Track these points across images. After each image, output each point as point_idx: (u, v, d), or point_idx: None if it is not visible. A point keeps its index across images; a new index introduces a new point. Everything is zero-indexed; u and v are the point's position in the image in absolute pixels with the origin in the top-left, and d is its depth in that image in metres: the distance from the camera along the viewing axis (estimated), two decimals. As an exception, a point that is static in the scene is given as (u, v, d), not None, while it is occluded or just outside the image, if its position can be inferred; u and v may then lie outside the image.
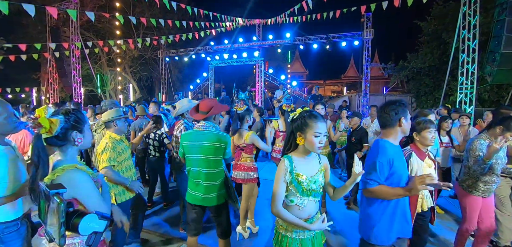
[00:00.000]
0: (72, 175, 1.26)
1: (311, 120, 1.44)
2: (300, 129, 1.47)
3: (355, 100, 13.50)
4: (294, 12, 10.81)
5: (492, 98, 9.51)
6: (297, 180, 1.47)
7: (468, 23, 7.53)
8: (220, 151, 2.20)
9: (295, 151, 1.55)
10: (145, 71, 18.21)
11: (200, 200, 2.23)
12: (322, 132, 1.44)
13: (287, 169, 1.48)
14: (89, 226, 0.89)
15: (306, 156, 1.54)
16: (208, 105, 2.28)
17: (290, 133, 1.55)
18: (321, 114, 3.26)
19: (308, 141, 1.44)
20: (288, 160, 1.50)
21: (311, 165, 1.56)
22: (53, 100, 11.94)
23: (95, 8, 13.80)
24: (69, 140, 1.33)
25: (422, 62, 11.43)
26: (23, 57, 10.01)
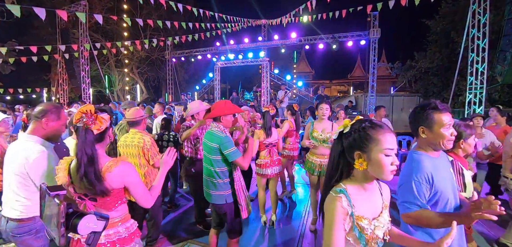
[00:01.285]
0: (126, 166, 1.41)
1: (377, 132, 1.02)
2: (359, 147, 1.03)
3: (361, 100, 13.36)
4: (299, 12, 10.78)
5: (503, 98, 9.30)
6: (359, 226, 1.03)
7: (477, 21, 7.36)
8: (215, 151, 2.23)
9: (349, 180, 1.09)
10: (152, 71, 18.44)
11: (207, 196, 2.36)
12: (394, 148, 1.02)
13: (346, 210, 1.01)
14: (88, 226, 0.93)
15: (366, 186, 1.09)
16: (216, 107, 2.36)
17: (338, 155, 1.10)
18: (326, 114, 3.24)
19: (375, 163, 1.00)
20: (345, 195, 1.03)
21: (373, 200, 1.11)
22: (63, 101, 12.21)
23: (103, 10, 14.05)
24: (106, 137, 1.46)
25: (430, 61, 11.25)
26: (34, 58, 10.27)
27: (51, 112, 1.72)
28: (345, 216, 1.01)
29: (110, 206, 1.42)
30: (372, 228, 1.04)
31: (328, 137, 3.18)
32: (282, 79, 16.24)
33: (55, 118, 1.73)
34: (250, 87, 18.24)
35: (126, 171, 1.41)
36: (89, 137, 1.32)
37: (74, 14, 9.83)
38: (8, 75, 13.68)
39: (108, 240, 1.40)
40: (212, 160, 2.26)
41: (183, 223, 3.72)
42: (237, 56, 14.15)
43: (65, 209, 0.88)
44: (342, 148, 1.09)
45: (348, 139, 1.07)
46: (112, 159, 1.41)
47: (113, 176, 1.37)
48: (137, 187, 1.47)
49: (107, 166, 1.36)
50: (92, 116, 1.33)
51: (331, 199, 1.04)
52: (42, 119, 1.69)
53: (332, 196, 1.04)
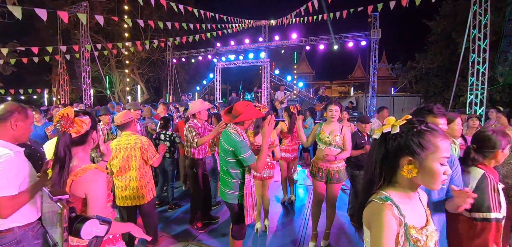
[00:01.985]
0: (95, 176, 1.33)
1: (435, 138, 0.90)
2: (411, 152, 0.90)
3: (362, 101, 13.36)
4: (300, 12, 10.79)
5: (504, 99, 9.27)
6: (412, 239, 0.90)
7: (478, 22, 7.36)
8: (229, 153, 2.21)
9: (392, 187, 0.97)
10: (153, 72, 18.45)
11: (221, 194, 2.38)
12: (449, 156, 0.91)
13: (398, 219, 0.89)
14: (91, 231, 0.93)
15: (411, 194, 0.98)
16: (238, 110, 2.28)
17: (382, 158, 0.97)
18: (336, 116, 3.01)
19: (428, 171, 0.89)
20: (394, 204, 0.91)
21: (417, 209, 1.00)
22: (64, 101, 12.23)
23: (104, 11, 14.08)
24: (90, 140, 1.42)
25: (431, 62, 11.24)
26: (35, 59, 10.29)
27: (17, 112, 1.60)
28: (398, 227, 0.89)
29: (78, 211, 1.35)
30: (425, 239, 0.92)
31: (338, 139, 2.91)
32: (283, 80, 16.24)
33: (22, 118, 1.61)
34: (250, 87, 18.25)
35: (92, 182, 1.33)
36: (64, 139, 1.31)
37: (75, 15, 9.85)
38: (9, 76, 13.70)
39: (79, 243, 1.35)
40: (226, 161, 2.26)
41: (184, 224, 3.72)
42: (237, 57, 14.16)
43: (68, 213, 0.88)
44: (386, 151, 0.96)
45: (397, 141, 0.93)
46: (82, 167, 1.35)
47: (75, 185, 1.31)
48: (97, 202, 1.34)
49: (73, 174, 1.31)
50: (69, 119, 1.31)
51: (378, 208, 0.91)
52: (10, 120, 1.56)
53: (377, 204, 0.92)
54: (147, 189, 2.80)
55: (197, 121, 3.43)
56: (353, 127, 5.12)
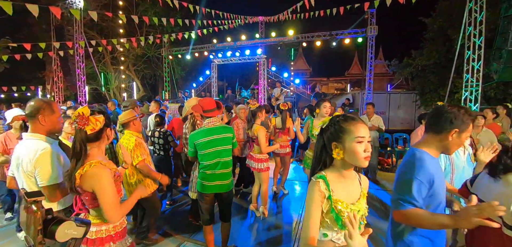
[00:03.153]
0: (98, 171, 1.42)
1: (349, 123, 1.14)
2: (335, 138, 1.15)
3: (358, 97, 13.39)
4: (297, 9, 10.74)
5: (498, 95, 9.33)
6: (337, 209, 1.13)
7: (474, 19, 7.38)
8: (229, 141, 2.55)
9: (330, 168, 1.21)
10: (149, 69, 18.30)
11: (217, 188, 2.53)
12: (365, 136, 1.12)
13: (323, 193, 1.14)
14: (67, 233, 0.91)
15: (345, 173, 1.19)
16: (213, 104, 2.58)
17: (321, 148, 1.23)
18: (329, 112, 3.33)
19: (349, 151, 1.12)
20: (323, 180, 1.15)
21: (351, 187, 1.21)
22: (58, 99, 12.08)
23: (98, 7, 13.88)
24: (104, 137, 1.53)
25: (427, 59, 11.26)
26: (28, 56, 10.13)
27: (44, 108, 1.71)
28: (322, 199, 1.14)
29: (90, 205, 1.49)
30: (348, 211, 1.13)
31: None
32: (279, 77, 16.20)
33: (49, 112, 1.72)
34: (247, 84, 18.19)
35: (95, 177, 1.42)
36: (80, 136, 1.42)
37: (68, 11, 9.70)
38: (1, 73, 13.49)
39: (97, 235, 1.51)
40: (227, 150, 2.55)
41: (180, 222, 3.70)
42: (234, 54, 14.08)
43: (43, 215, 0.86)
44: (324, 141, 1.22)
45: (327, 133, 1.20)
46: (93, 161, 1.45)
47: (84, 179, 1.41)
48: (105, 196, 1.43)
49: (83, 167, 1.42)
50: (84, 118, 1.41)
51: (311, 184, 1.18)
52: (38, 116, 1.68)
53: (312, 181, 1.18)
54: (147, 181, 2.81)
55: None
56: None
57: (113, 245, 1.56)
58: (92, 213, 1.53)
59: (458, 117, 1.34)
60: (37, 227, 0.83)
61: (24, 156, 1.65)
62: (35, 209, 0.83)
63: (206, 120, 2.55)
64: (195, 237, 3.30)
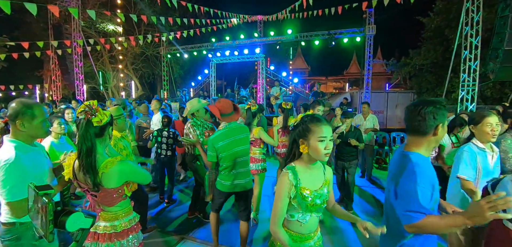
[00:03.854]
0: (123, 165, 1.50)
1: (314, 124, 1.32)
2: (302, 136, 1.34)
3: (357, 96, 13.45)
4: (295, 8, 10.76)
5: (494, 95, 9.44)
6: (301, 195, 1.33)
7: (471, 19, 7.44)
8: (247, 140, 2.63)
9: (299, 160, 1.40)
10: (147, 68, 18.26)
11: (242, 187, 2.60)
12: (327, 136, 1.30)
13: (291, 182, 1.33)
14: (76, 223, 0.96)
15: (311, 165, 1.40)
16: (230, 106, 2.61)
17: (292, 142, 1.42)
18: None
19: (312, 147, 1.31)
20: (292, 172, 1.35)
21: (316, 177, 1.42)
22: (56, 97, 12.05)
23: (96, 6, 13.83)
24: (106, 135, 1.55)
25: (424, 58, 11.36)
26: (26, 54, 10.09)
27: (23, 112, 1.56)
28: (290, 187, 1.33)
29: (110, 202, 1.52)
30: (312, 197, 1.35)
31: None
32: (278, 76, 16.25)
33: (29, 117, 1.57)
34: (246, 83, 18.21)
35: (123, 171, 1.51)
36: (89, 129, 1.42)
37: (66, 9, 9.67)
38: (-1, 72, 13.42)
39: (106, 231, 1.54)
40: (248, 150, 2.64)
41: (179, 219, 3.73)
42: (232, 53, 14.09)
43: (53, 207, 0.90)
44: (294, 137, 1.40)
45: (296, 130, 1.40)
46: (109, 159, 1.47)
47: (108, 176, 1.44)
48: (138, 175, 1.62)
49: (103, 165, 1.43)
50: (93, 107, 1.45)
51: (282, 175, 1.38)
52: (16, 120, 1.55)
53: (283, 172, 1.38)
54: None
55: (196, 119, 3.37)
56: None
57: (130, 237, 1.63)
58: (111, 209, 1.56)
59: (439, 111, 1.32)
60: (48, 218, 0.87)
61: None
62: (46, 201, 0.88)
63: (228, 123, 2.55)
64: (193, 235, 3.33)
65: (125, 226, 1.60)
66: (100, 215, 1.57)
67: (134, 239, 1.65)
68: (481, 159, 2.03)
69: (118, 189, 1.51)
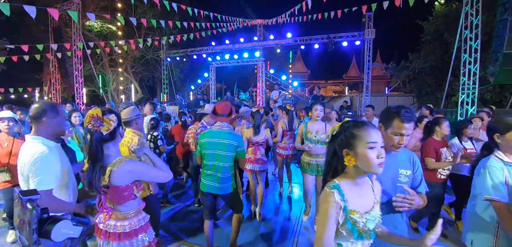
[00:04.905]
0: (131, 165, 1.52)
1: (359, 129, 1.11)
2: (346, 145, 1.12)
3: (356, 100, 13.44)
4: (295, 12, 10.78)
5: (494, 98, 9.41)
6: (352, 220, 1.09)
7: (470, 22, 7.45)
8: (232, 148, 2.55)
9: (342, 176, 1.16)
10: (147, 71, 18.24)
11: (213, 189, 2.59)
12: (378, 142, 1.09)
13: (338, 204, 1.07)
14: (63, 232, 0.89)
15: (358, 180, 1.15)
16: (227, 108, 2.63)
17: (332, 155, 1.20)
18: (321, 115, 3.30)
19: (361, 157, 1.08)
20: (338, 190, 1.09)
21: (365, 195, 1.17)
22: (55, 100, 12.02)
23: (97, 9, 13.86)
24: (117, 135, 1.58)
25: (424, 62, 11.35)
26: (26, 57, 10.08)
27: (49, 110, 1.71)
28: (338, 210, 1.07)
29: (120, 201, 1.55)
30: (364, 221, 1.10)
31: (323, 137, 3.24)
32: (278, 79, 16.24)
33: (53, 115, 1.71)
34: (245, 87, 18.20)
35: (131, 170, 1.54)
36: (96, 137, 1.47)
37: (66, 13, 9.68)
38: (-1, 75, 13.39)
39: (122, 230, 1.56)
40: (227, 156, 2.54)
41: (176, 223, 3.68)
42: (232, 56, 14.10)
43: (37, 214, 0.83)
44: (335, 148, 1.18)
45: (337, 139, 1.17)
46: (118, 158, 1.52)
47: (116, 175, 1.48)
48: (147, 174, 1.66)
49: (111, 164, 1.48)
50: (99, 119, 1.47)
51: (325, 194, 1.11)
52: (42, 119, 1.67)
53: (326, 192, 1.11)
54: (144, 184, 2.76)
55: (205, 122, 3.64)
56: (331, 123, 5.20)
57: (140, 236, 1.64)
58: (123, 208, 1.58)
59: None
60: (32, 226, 0.80)
61: (24, 158, 1.62)
62: (30, 207, 0.81)
63: (217, 123, 2.62)
64: (191, 241, 3.28)
65: (134, 226, 1.61)
66: (111, 214, 1.60)
67: (144, 239, 1.66)
68: (509, 175, 1.65)
69: (127, 188, 1.53)
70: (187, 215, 3.96)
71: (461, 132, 3.32)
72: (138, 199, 1.67)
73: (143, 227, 1.68)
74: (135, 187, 1.59)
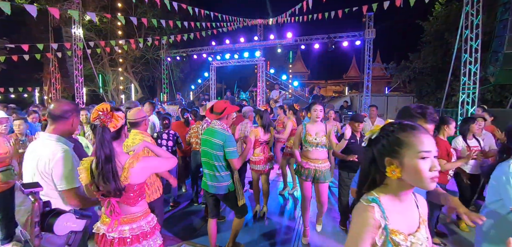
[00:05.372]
0: (146, 161, 1.49)
1: (408, 134, 0.90)
2: (390, 153, 0.92)
3: (357, 100, 13.44)
4: (295, 12, 10.78)
5: (495, 98, 9.42)
6: (394, 243, 0.89)
7: (470, 23, 7.45)
8: (219, 147, 2.44)
9: (381, 189, 0.96)
10: (147, 71, 18.25)
11: (205, 185, 2.60)
12: (432, 150, 0.88)
13: (378, 222, 0.88)
14: (66, 226, 0.86)
15: (402, 197, 0.95)
16: (221, 107, 2.55)
17: (369, 163, 0.99)
18: (321, 115, 3.06)
19: (409, 169, 0.88)
20: (378, 205, 0.91)
21: (409, 213, 0.97)
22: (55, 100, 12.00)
23: (97, 8, 13.86)
24: (122, 135, 1.53)
25: (424, 62, 11.37)
26: (26, 57, 10.08)
27: (74, 110, 1.72)
28: (376, 230, 0.88)
29: (133, 201, 1.50)
30: (408, 245, 0.90)
31: (324, 140, 2.95)
32: (278, 79, 16.23)
33: (76, 115, 1.73)
34: (246, 86, 18.20)
35: (147, 165, 1.52)
36: (106, 135, 1.38)
37: (67, 12, 9.67)
38: (-2, 74, 13.39)
39: (132, 233, 1.49)
40: (215, 155, 2.46)
41: (179, 224, 3.67)
42: (232, 56, 14.10)
43: (39, 207, 0.82)
44: (373, 155, 0.98)
45: (378, 145, 0.96)
46: (132, 156, 1.47)
47: (136, 172, 1.44)
48: (161, 165, 1.68)
49: (129, 163, 1.43)
50: (109, 114, 1.39)
51: (362, 208, 0.92)
52: (71, 118, 1.68)
53: (363, 205, 0.93)
54: (152, 188, 2.67)
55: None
56: (339, 126, 5.14)
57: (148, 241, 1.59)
58: (135, 209, 1.53)
59: None
60: (34, 219, 0.79)
61: (42, 155, 1.58)
62: (32, 200, 0.80)
63: (213, 121, 2.58)
64: (194, 240, 3.28)
65: (144, 227, 1.56)
66: (121, 220, 1.50)
67: (154, 240, 1.61)
68: None
69: (141, 186, 1.51)
70: (188, 215, 3.96)
71: (467, 129, 3.29)
72: (146, 200, 1.63)
73: (153, 228, 1.61)
74: (146, 185, 1.57)
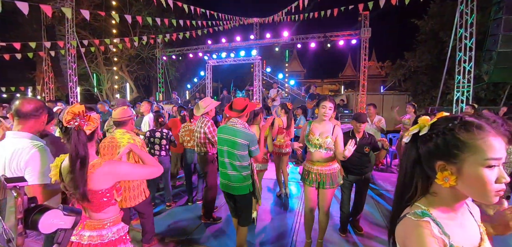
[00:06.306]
0: (110, 165, 1.41)
1: (472, 135, 0.71)
2: (444, 155, 0.74)
3: (352, 98, 13.48)
4: (291, 10, 10.77)
5: (488, 96, 9.52)
6: None
7: (465, 21, 7.52)
8: (243, 147, 2.41)
9: (429, 199, 0.80)
10: (142, 70, 18.07)
11: (226, 187, 2.53)
12: (502, 157, 0.70)
13: (440, 240, 0.72)
14: (52, 223, 0.81)
15: (456, 207, 0.79)
16: (242, 104, 2.53)
17: (412, 164, 0.82)
18: (329, 114, 2.74)
19: (471, 178, 0.71)
20: (433, 221, 0.74)
21: (467, 226, 0.82)
22: (49, 99, 11.82)
23: (91, 6, 13.67)
24: (95, 136, 1.46)
25: (419, 60, 11.44)
26: (18, 56, 9.90)
27: (43, 107, 1.69)
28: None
29: (96, 208, 1.41)
30: None
31: (328, 141, 2.61)
32: (274, 78, 16.21)
33: (46, 112, 1.70)
34: (242, 85, 18.17)
35: (112, 171, 1.41)
36: (82, 138, 1.31)
37: (60, 10, 9.52)
38: (-10, 73, 13.15)
39: (91, 242, 1.37)
40: (239, 156, 2.42)
41: (174, 223, 3.64)
42: (229, 55, 14.04)
43: (23, 203, 0.77)
44: (418, 155, 0.80)
45: (428, 144, 0.78)
46: (96, 160, 1.40)
47: (95, 177, 1.35)
48: (133, 173, 1.57)
49: (90, 166, 1.35)
50: (85, 116, 1.32)
51: (413, 226, 0.75)
52: (39, 115, 1.65)
53: (413, 222, 0.76)
54: (138, 190, 2.70)
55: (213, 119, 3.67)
56: (339, 124, 5.15)
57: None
58: (101, 216, 1.44)
59: None
60: (17, 216, 0.74)
61: (15, 153, 1.53)
62: (15, 195, 0.75)
63: (231, 119, 2.52)
64: (192, 237, 3.24)
65: (112, 236, 1.44)
66: (85, 224, 1.43)
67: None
68: None
69: (107, 193, 1.40)
70: (184, 213, 3.92)
71: None
72: (117, 206, 1.52)
73: (122, 237, 1.50)
74: (115, 192, 1.45)
